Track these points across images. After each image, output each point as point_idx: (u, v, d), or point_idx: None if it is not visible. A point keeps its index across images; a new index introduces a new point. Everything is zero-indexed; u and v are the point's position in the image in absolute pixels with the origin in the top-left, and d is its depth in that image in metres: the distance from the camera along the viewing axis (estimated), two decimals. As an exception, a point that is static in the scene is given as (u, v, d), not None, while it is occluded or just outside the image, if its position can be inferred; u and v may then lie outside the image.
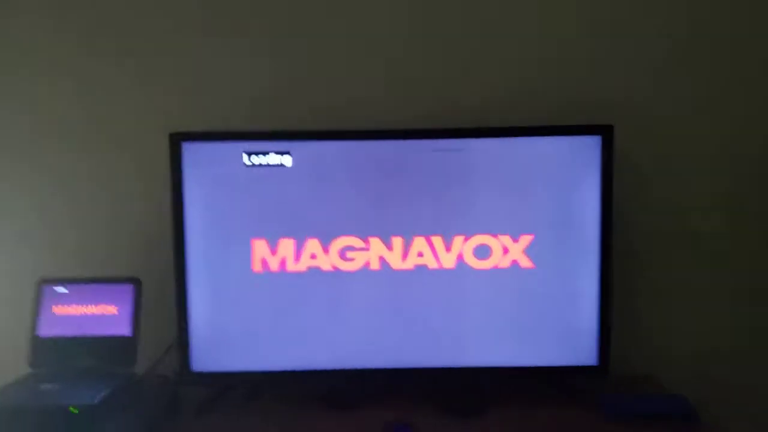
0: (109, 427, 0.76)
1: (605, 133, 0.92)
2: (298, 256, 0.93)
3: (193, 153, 0.91)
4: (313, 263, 0.93)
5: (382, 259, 0.93)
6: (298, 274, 0.93)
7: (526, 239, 0.93)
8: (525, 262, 0.93)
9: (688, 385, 0.98)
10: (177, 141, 0.90)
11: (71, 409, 0.76)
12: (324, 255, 0.93)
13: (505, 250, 0.93)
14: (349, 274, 0.93)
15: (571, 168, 0.93)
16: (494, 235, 0.93)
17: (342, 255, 0.93)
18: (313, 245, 0.93)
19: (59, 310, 0.90)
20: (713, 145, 1.05)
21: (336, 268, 0.93)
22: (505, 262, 0.93)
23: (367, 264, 0.93)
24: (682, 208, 1.07)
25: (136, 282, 0.91)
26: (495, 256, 0.93)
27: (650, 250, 1.08)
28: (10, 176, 1.07)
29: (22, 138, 1.06)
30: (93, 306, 0.90)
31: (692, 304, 1.08)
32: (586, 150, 0.92)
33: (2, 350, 1.07)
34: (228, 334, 0.93)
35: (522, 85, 1.05)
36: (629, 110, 1.04)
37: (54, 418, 0.76)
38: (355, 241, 0.93)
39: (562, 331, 0.94)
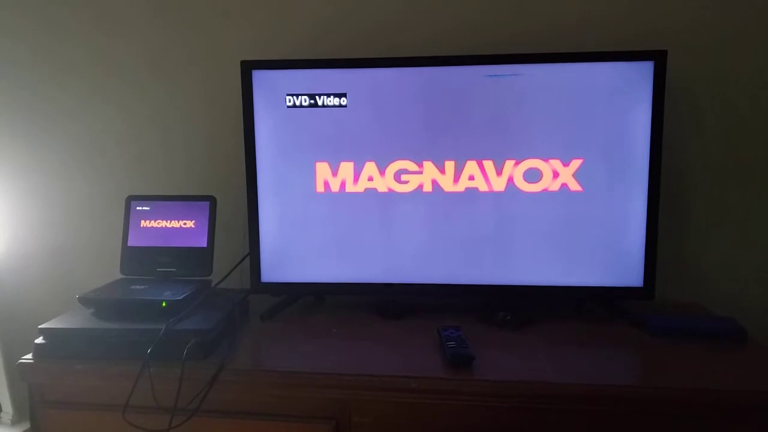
0: (191, 320, 0.86)
1: (658, 58, 0.93)
2: (356, 178, 1.00)
3: (262, 80, 0.98)
4: (370, 185, 1.00)
5: (434, 182, 0.99)
6: (356, 195, 1.00)
7: (575, 163, 0.96)
8: (574, 186, 0.97)
9: (736, 315, 0.99)
10: (248, 69, 0.98)
11: (162, 303, 0.87)
12: (380, 177, 0.99)
13: (555, 174, 0.97)
14: (403, 195, 0.99)
15: (623, 94, 0.94)
16: (545, 159, 0.97)
17: (397, 178, 0.99)
18: (370, 168, 0.99)
19: (145, 223, 1.01)
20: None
21: (391, 190, 1.00)
22: (554, 186, 0.97)
23: (420, 186, 0.99)
24: (733, 137, 1.07)
25: (211, 200, 1.01)
26: (545, 180, 0.97)
27: (700, 178, 1.08)
28: (110, 102, 1.19)
29: (120, 65, 1.18)
30: (174, 221, 1.01)
31: (742, 234, 1.08)
32: (639, 76, 0.93)
33: (97, 258, 1.21)
34: (293, 249, 1.02)
35: (576, 11, 1.06)
36: (683, 37, 1.04)
37: (148, 309, 0.87)
38: (409, 165, 0.99)
39: (608, 253, 0.97)
